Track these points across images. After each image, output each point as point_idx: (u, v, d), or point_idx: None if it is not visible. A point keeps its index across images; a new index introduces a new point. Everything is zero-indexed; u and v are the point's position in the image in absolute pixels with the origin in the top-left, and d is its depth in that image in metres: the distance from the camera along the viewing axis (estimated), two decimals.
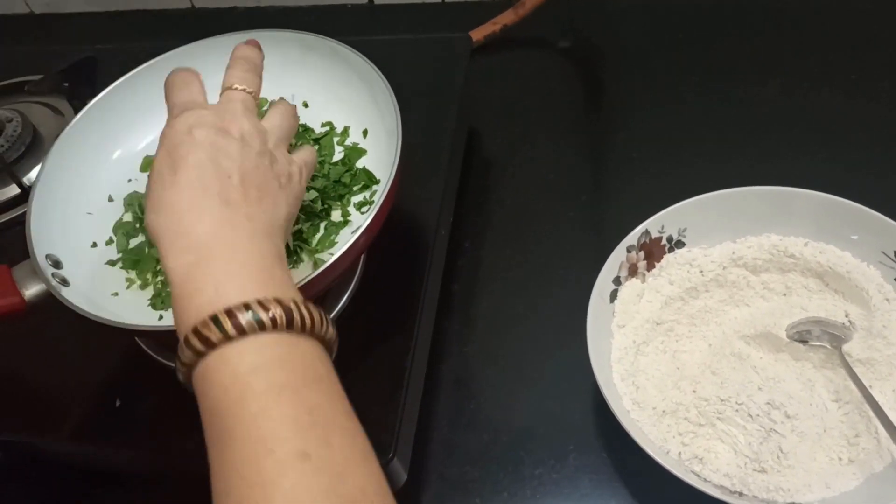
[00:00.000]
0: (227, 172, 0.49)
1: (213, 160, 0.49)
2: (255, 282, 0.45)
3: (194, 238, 0.46)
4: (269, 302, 0.43)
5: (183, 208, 0.48)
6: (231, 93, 0.56)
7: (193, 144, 0.50)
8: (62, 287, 0.63)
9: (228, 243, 0.46)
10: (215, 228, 0.47)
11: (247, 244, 0.47)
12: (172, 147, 0.51)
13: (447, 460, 0.71)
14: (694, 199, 0.73)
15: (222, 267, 0.45)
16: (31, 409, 0.70)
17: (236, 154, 0.51)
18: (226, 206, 0.48)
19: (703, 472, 0.63)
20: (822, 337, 0.67)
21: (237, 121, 0.53)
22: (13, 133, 0.86)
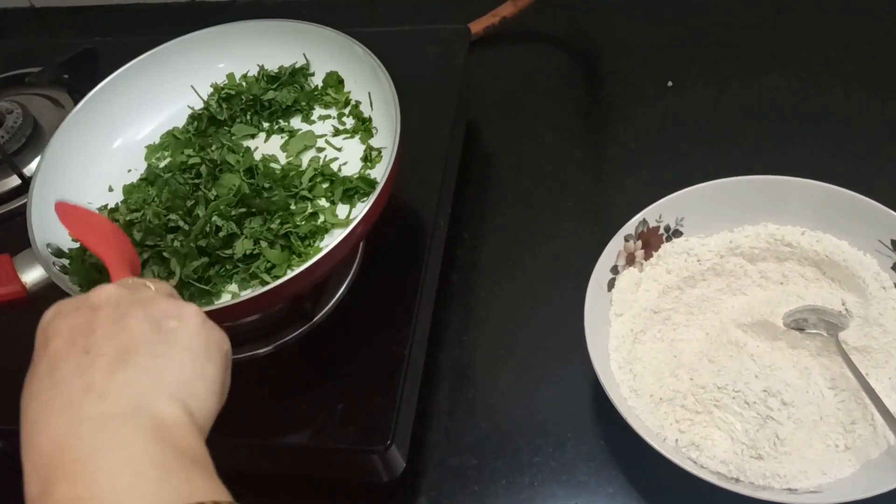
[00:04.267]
0: (84, 347, 0.41)
1: (68, 341, 0.42)
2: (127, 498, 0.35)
3: (44, 450, 0.37)
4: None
5: (34, 412, 0.40)
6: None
7: (53, 333, 0.43)
8: (63, 275, 0.63)
9: (82, 449, 0.36)
10: (67, 427, 0.37)
11: (111, 438, 0.37)
12: (38, 344, 0.44)
13: (446, 448, 0.71)
14: (691, 189, 0.74)
15: (74, 491, 0.35)
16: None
17: (93, 322, 0.43)
18: (84, 393, 0.39)
19: (700, 458, 0.63)
20: (819, 325, 0.67)
21: (100, 290, 0.45)
22: (14, 124, 0.87)
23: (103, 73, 0.78)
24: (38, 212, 0.67)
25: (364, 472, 0.65)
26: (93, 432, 0.37)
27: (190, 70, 0.80)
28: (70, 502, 0.35)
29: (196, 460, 0.38)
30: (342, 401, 0.65)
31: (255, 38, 0.80)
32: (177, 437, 0.38)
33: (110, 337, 0.41)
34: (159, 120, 0.79)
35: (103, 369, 0.39)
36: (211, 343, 0.44)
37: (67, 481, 0.35)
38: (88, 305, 0.44)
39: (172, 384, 0.40)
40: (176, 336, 0.43)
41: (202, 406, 0.41)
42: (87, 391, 0.38)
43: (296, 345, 0.69)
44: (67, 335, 0.42)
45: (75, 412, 0.38)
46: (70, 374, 0.40)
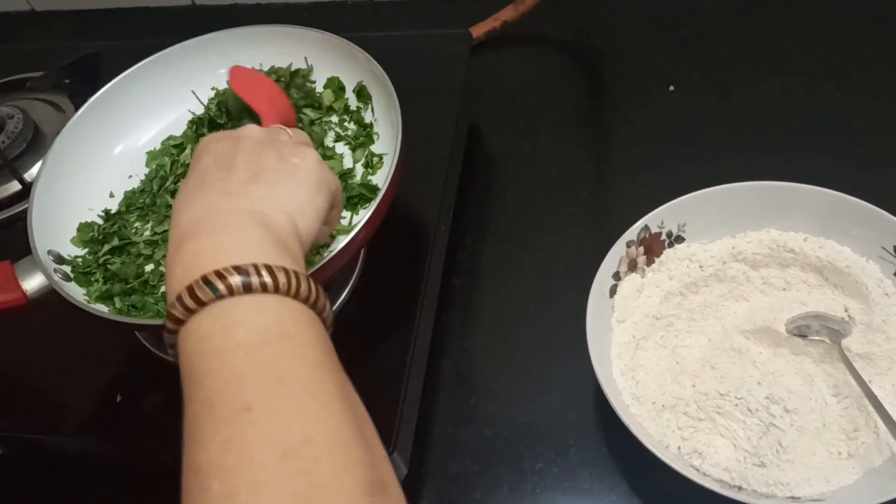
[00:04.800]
0: (226, 166, 0.52)
1: (216, 161, 0.52)
2: (233, 252, 0.45)
3: (180, 227, 0.48)
4: (232, 269, 0.43)
5: (181, 204, 0.50)
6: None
7: (205, 153, 0.54)
8: (64, 282, 0.63)
9: (211, 223, 0.47)
10: (203, 212, 0.48)
11: (233, 220, 0.48)
12: (193, 161, 0.55)
13: (448, 454, 0.71)
14: (693, 195, 0.73)
15: (202, 242, 0.46)
16: (33, 404, 0.70)
17: (237, 149, 0.53)
18: (222, 194, 0.50)
19: (703, 466, 0.63)
20: (822, 332, 0.67)
21: (247, 127, 0.56)
22: (14, 129, 0.86)
23: (105, 78, 0.78)
24: (39, 218, 0.66)
25: None
26: (221, 215, 0.48)
27: (192, 75, 0.79)
28: (193, 252, 0.45)
29: (293, 254, 0.48)
30: None
31: (257, 43, 0.80)
32: (283, 237, 0.48)
33: (248, 162, 0.52)
34: (161, 126, 0.79)
35: (239, 181, 0.50)
36: (322, 180, 0.54)
37: (194, 240, 0.46)
38: (236, 137, 0.54)
39: (288, 203, 0.51)
40: (297, 169, 0.53)
41: (307, 226, 0.52)
42: (223, 193, 0.49)
43: None
44: (216, 156, 0.53)
45: (212, 204, 0.49)
46: (213, 181, 0.50)
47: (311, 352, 0.43)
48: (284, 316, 0.44)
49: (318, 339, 0.44)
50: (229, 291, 0.42)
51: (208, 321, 0.43)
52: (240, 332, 0.42)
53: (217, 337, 0.42)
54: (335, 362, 0.44)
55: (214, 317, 0.43)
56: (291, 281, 0.44)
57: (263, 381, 0.40)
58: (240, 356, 0.41)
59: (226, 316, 0.43)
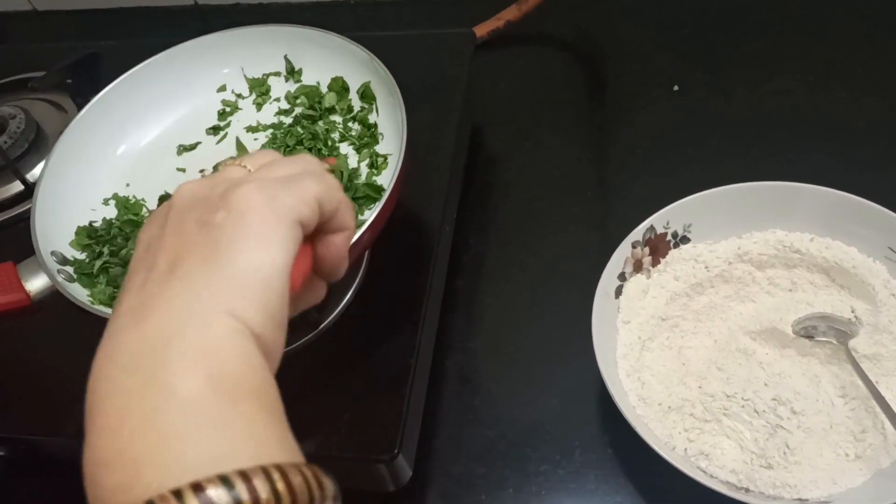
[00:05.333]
0: (149, 261, 0.37)
1: (142, 253, 0.38)
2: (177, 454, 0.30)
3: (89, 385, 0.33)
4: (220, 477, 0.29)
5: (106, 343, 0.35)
6: None
7: (138, 242, 0.39)
8: (67, 283, 0.63)
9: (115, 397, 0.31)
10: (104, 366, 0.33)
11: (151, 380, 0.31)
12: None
13: (452, 457, 0.71)
14: (699, 195, 0.73)
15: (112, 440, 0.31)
16: (35, 406, 0.70)
17: (161, 229, 0.38)
18: (130, 313, 0.34)
19: (709, 468, 0.63)
20: (829, 332, 0.67)
21: (180, 191, 0.39)
22: (16, 130, 0.86)
23: (107, 78, 0.77)
24: (42, 219, 0.66)
25: (370, 481, 0.65)
26: (126, 373, 0.32)
27: (194, 75, 0.79)
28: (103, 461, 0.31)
29: (255, 395, 0.32)
30: (348, 409, 0.64)
31: (260, 42, 0.79)
32: (228, 366, 0.32)
33: (168, 246, 0.36)
34: (163, 126, 0.79)
35: (155, 282, 0.34)
36: (268, 222, 0.35)
37: (101, 434, 0.31)
38: (166, 209, 0.38)
39: (219, 293, 0.33)
40: (222, 232, 0.35)
41: (260, 310, 0.34)
42: (133, 310, 0.34)
43: (301, 353, 0.68)
44: (142, 247, 0.38)
45: (117, 338, 0.34)
46: (131, 287, 0.36)
47: None
48: None
49: None
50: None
51: None
52: None
53: None
54: None
55: None
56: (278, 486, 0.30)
57: None
58: None
59: None
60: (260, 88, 0.80)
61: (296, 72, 0.79)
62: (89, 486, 0.31)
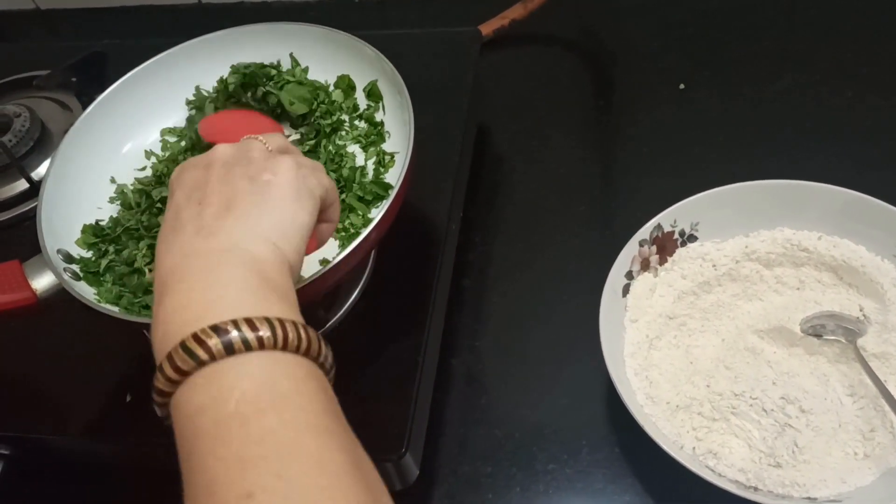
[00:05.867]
0: (198, 199, 0.49)
1: (187, 195, 0.49)
2: (211, 306, 0.42)
3: (158, 278, 0.46)
4: (210, 330, 0.40)
5: (161, 250, 0.48)
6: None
7: (178, 185, 0.51)
8: (74, 281, 0.62)
9: (187, 271, 0.44)
10: (179, 259, 0.45)
11: (209, 265, 0.45)
12: (169, 195, 0.52)
13: (459, 456, 0.70)
14: (706, 193, 0.73)
15: (180, 296, 0.43)
16: (41, 405, 0.70)
17: (207, 177, 0.50)
18: (195, 235, 0.46)
19: (718, 466, 0.62)
20: (837, 331, 0.67)
21: (217, 148, 0.52)
22: (21, 128, 0.86)
23: (111, 77, 0.77)
24: (48, 217, 0.66)
25: None
26: (197, 260, 0.45)
27: (199, 73, 0.79)
28: (172, 310, 0.42)
29: (281, 291, 0.45)
30: (355, 408, 0.63)
31: (266, 41, 0.79)
32: (268, 270, 0.45)
33: (218, 192, 0.48)
34: (168, 124, 0.79)
35: (212, 216, 0.47)
36: (301, 191, 0.50)
37: (172, 295, 0.43)
38: (206, 162, 0.51)
39: (267, 229, 0.47)
40: (270, 188, 0.49)
41: (292, 248, 0.48)
42: (198, 232, 0.46)
43: None
44: (187, 188, 0.49)
45: (187, 247, 0.46)
46: (187, 219, 0.47)
47: (312, 415, 0.40)
48: (277, 374, 0.40)
49: (319, 395, 0.41)
50: (211, 356, 0.39)
51: (196, 392, 0.40)
52: (230, 401, 0.39)
53: (208, 411, 0.39)
54: (340, 422, 0.41)
55: (201, 386, 0.40)
56: (278, 333, 0.41)
57: (263, 460, 0.37)
58: (235, 432, 0.38)
59: (213, 384, 0.39)
60: None
61: (302, 70, 0.79)
62: (163, 323, 0.42)
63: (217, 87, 0.78)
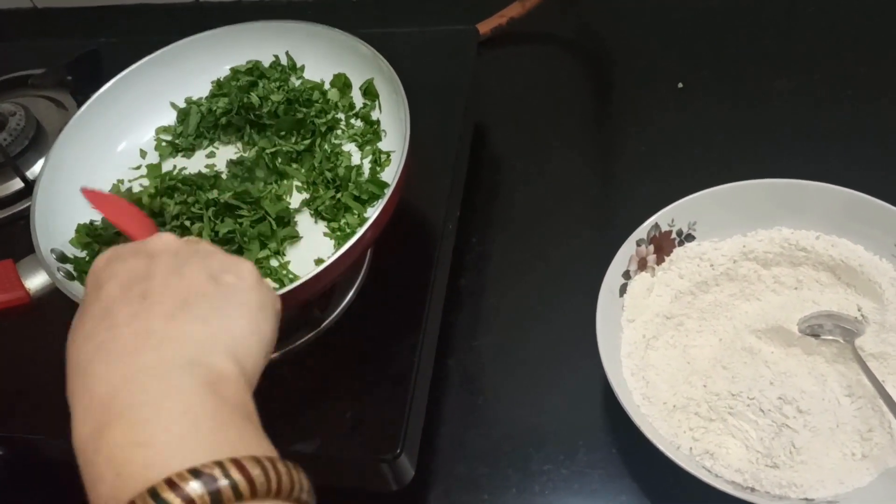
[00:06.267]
0: (140, 294, 0.41)
1: (124, 289, 0.42)
2: (179, 442, 0.35)
3: (99, 396, 0.37)
4: (187, 474, 0.33)
5: (81, 367, 0.39)
6: None
7: (107, 277, 0.43)
8: (67, 281, 0.62)
9: (138, 395, 0.37)
10: (118, 382, 0.37)
11: (166, 386, 0.37)
12: (89, 289, 0.44)
13: (455, 456, 0.70)
14: (704, 192, 0.73)
15: (135, 430, 0.35)
16: (34, 406, 0.69)
17: (151, 270, 0.43)
18: (141, 341, 0.39)
19: (715, 467, 0.62)
20: (835, 331, 0.66)
21: (158, 237, 0.46)
22: (16, 127, 0.86)
23: (107, 75, 0.77)
24: (42, 216, 0.66)
25: (373, 480, 0.64)
26: (150, 380, 0.37)
27: (195, 72, 0.79)
28: (125, 446, 0.35)
29: (248, 416, 0.38)
30: (350, 408, 0.64)
31: (262, 39, 0.79)
32: (231, 392, 0.38)
33: (168, 285, 0.41)
34: (163, 123, 0.78)
35: (161, 317, 0.40)
36: (265, 301, 0.44)
37: (123, 426, 0.36)
38: (146, 252, 0.44)
39: (228, 340, 0.40)
40: (233, 292, 0.43)
41: (254, 363, 0.42)
42: (144, 338, 0.39)
43: (303, 351, 0.68)
44: (124, 280, 0.42)
45: (133, 359, 0.38)
46: (127, 319, 0.40)
47: None
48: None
49: None
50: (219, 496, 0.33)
51: None
52: None
53: None
54: None
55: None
56: (270, 475, 0.35)
57: None
58: None
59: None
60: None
61: (298, 68, 0.79)
62: (115, 462, 0.35)
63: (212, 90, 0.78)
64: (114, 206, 0.59)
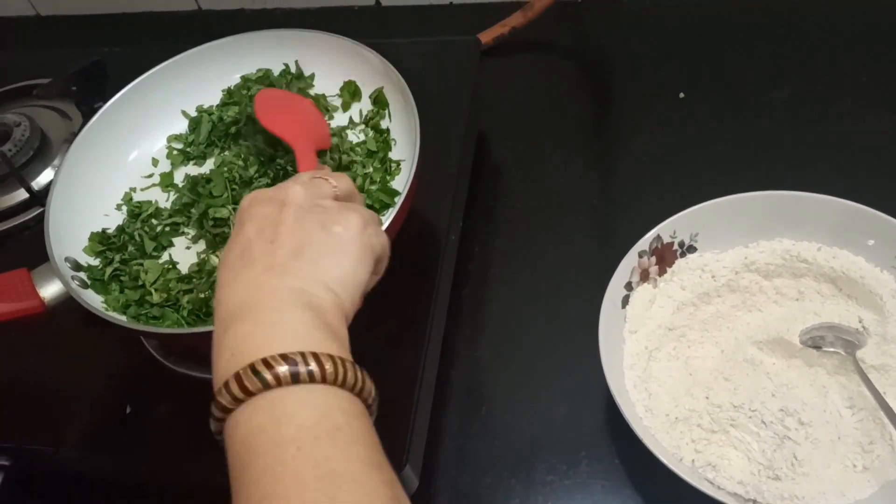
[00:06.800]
0: (270, 237, 0.51)
1: (259, 230, 0.51)
2: (280, 338, 0.45)
3: (227, 307, 0.48)
4: (279, 358, 0.43)
5: (227, 278, 0.50)
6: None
7: (248, 217, 0.52)
8: (81, 290, 0.63)
9: (258, 305, 0.47)
10: (250, 291, 0.48)
11: (279, 302, 0.47)
12: (237, 224, 0.54)
13: (459, 467, 0.71)
14: (706, 204, 0.73)
15: (250, 326, 0.46)
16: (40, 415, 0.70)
17: (281, 217, 0.52)
18: (267, 270, 0.49)
19: (717, 479, 0.62)
20: (836, 343, 0.67)
21: (291, 188, 0.54)
22: (21, 137, 0.86)
23: (112, 85, 0.77)
24: (55, 225, 0.66)
25: None
26: (268, 297, 0.47)
27: (205, 81, 0.79)
28: (243, 336, 0.45)
29: (339, 336, 0.48)
30: None
31: (271, 48, 0.79)
32: (328, 316, 0.48)
33: (292, 233, 0.50)
34: (174, 131, 0.79)
35: (284, 256, 0.49)
36: (366, 249, 0.53)
37: (244, 323, 0.46)
38: (279, 200, 0.53)
39: (332, 278, 0.50)
40: (341, 241, 0.51)
41: (351, 299, 0.51)
42: (269, 270, 0.49)
43: None
44: (259, 223, 0.51)
45: (259, 282, 0.48)
46: (258, 255, 0.49)
47: (362, 448, 0.43)
48: (333, 407, 0.44)
49: (367, 432, 0.44)
50: (277, 382, 0.42)
51: (258, 413, 0.43)
52: (290, 426, 0.42)
53: (268, 431, 0.42)
54: (384, 458, 0.44)
55: (264, 408, 0.43)
56: (339, 370, 0.44)
57: (319, 482, 0.40)
58: (293, 453, 0.41)
59: (276, 408, 0.43)
60: None
61: (306, 77, 0.79)
62: (231, 347, 0.45)
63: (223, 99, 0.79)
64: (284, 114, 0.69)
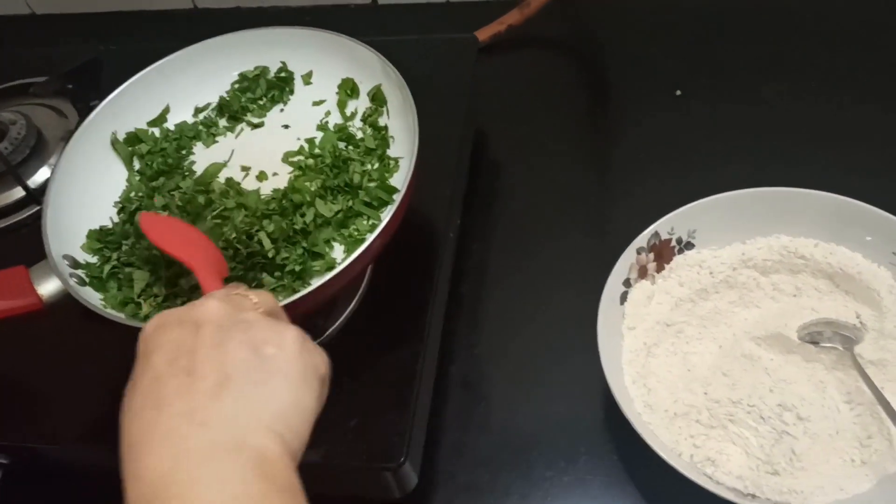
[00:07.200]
0: (185, 369, 0.42)
1: (170, 362, 0.42)
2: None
3: (149, 478, 0.39)
4: None
5: (135, 442, 0.40)
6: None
7: (155, 347, 0.43)
8: (79, 287, 0.62)
9: (183, 482, 0.38)
10: (168, 465, 0.38)
11: (212, 471, 0.38)
12: (140, 356, 0.44)
13: (457, 463, 0.71)
14: (703, 201, 0.73)
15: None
16: (38, 414, 0.69)
17: (195, 343, 0.43)
18: (187, 421, 0.40)
19: (716, 474, 0.63)
20: (834, 338, 0.67)
21: (204, 304, 0.45)
22: (17, 136, 0.86)
23: (108, 83, 0.77)
24: (53, 223, 0.66)
25: (376, 488, 0.64)
26: (197, 466, 0.38)
27: (202, 78, 0.79)
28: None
29: (294, 496, 0.39)
30: (354, 417, 0.64)
31: (268, 45, 0.79)
32: (276, 472, 0.39)
33: (211, 360, 0.41)
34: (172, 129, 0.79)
35: (205, 395, 0.40)
36: (308, 370, 0.44)
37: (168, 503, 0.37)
38: (191, 321, 0.44)
39: (271, 415, 0.41)
40: (275, 363, 0.43)
41: (297, 436, 0.42)
42: (189, 418, 0.39)
43: None
44: (169, 351, 0.42)
45: (179, 442, 0.39)
46: (172, 395, 0.40)
47: None
48: None
49: None
50: None
51: None
52: None
53: None
54: None
55: None
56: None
57: None
58: None
59: None
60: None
61: (304, 74, 0.79)
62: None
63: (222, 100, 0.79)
64: (176, 236, 0.58)
